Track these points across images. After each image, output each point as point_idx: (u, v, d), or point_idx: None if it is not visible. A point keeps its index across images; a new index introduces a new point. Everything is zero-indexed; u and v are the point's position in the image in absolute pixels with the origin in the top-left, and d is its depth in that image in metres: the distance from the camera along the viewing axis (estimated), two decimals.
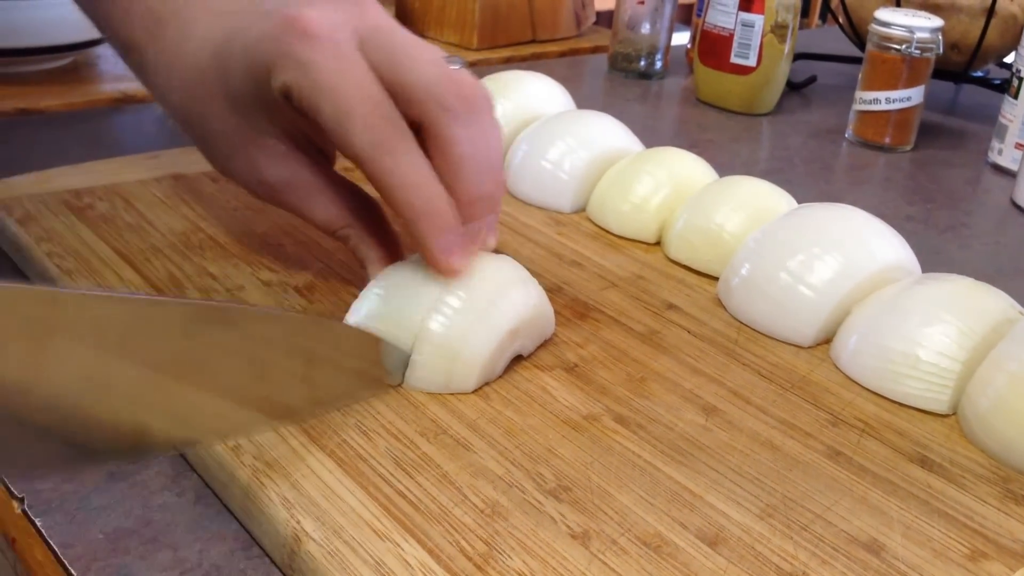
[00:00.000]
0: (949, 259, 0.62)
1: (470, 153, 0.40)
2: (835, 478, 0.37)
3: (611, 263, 0.53)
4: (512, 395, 0.40)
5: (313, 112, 0.39)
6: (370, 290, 0.41)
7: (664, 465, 0.37)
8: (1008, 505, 0.36)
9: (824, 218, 0.48)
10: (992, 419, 0.39)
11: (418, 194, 0.39)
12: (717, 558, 0.32)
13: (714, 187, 0.54)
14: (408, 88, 0.39)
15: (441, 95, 0.39)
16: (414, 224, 0.39)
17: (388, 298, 0.40)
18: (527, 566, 0.31)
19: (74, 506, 0.34)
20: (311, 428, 0.36)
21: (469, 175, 0.40)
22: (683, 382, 0.42)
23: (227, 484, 0.35)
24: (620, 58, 0.96)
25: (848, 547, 0.33)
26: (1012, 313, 0.43)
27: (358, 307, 0.41)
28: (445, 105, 0.39)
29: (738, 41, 0.84)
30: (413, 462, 0.35)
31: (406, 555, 0.31)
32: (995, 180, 0.77)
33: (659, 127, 0.85)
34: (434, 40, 1.03)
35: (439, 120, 0.39)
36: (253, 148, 0.43)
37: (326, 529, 0.32)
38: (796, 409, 0.41)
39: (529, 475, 0.35)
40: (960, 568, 0.33)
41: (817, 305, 0.45)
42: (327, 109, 0.38)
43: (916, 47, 0.76)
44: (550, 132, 0.60)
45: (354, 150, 0.39)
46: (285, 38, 0.38)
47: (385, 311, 0.40)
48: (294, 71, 0.38)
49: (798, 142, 0.83)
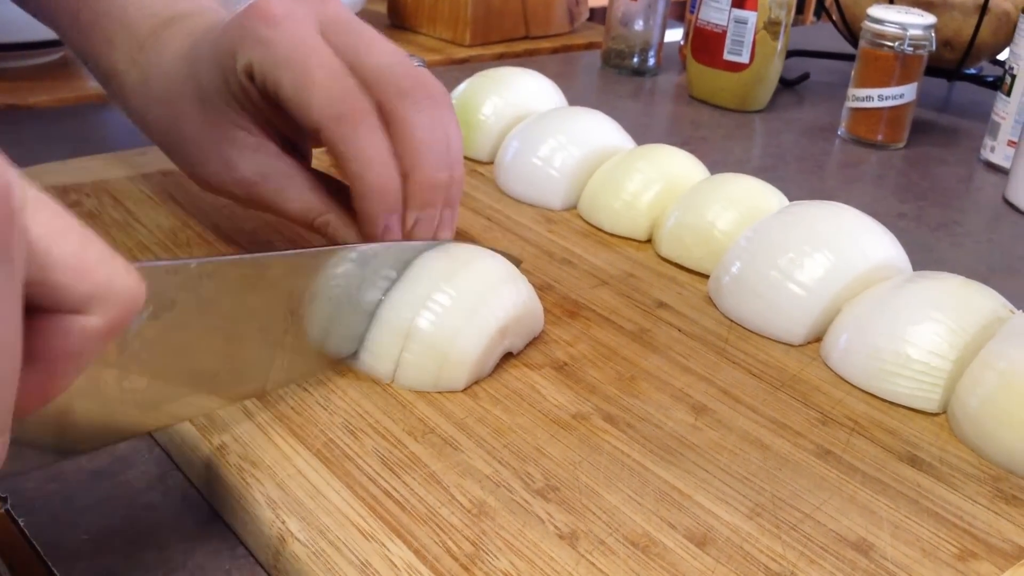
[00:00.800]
0: (941, 257, 0.62)
1: (428, 140, 0.41)
2: (824, 477, 0.37)
3: (602, 261, 0.53)
4: (501, 393, 0.40)
5: (274, 87, 0.40)
6: None
7: (653, 464, 0.36)
8: (998, 504, 0.36)
9: (815, 216, 0.48)
10: (982, 418, 0.39)
11: (371, 169, 0.40)
12: (705, 558, 0.32)
13: (706, 185, 0.54)
14: (369, 71, 0.40)
15: (401, 80, 0.40)
16: (362, 198, 0.40)
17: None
18: (514, 567, 0.31)
19: (58, 506, 0.34)
20: (297, 428, 0.36)
21: (426, 160, 0.41)
22: (673, 381, 0.42)
23: (212, 484, 0.34)
24: (613, 55, 0.96)
25: (837, 547, 0.33)
26: (1003, 312, 0.43)
27: None
28: (405, 91, 0.40)
29: (731, 38, 0.84)
30: (400, 461, 0.35)
31: (392, 555, 0.31)
32: (987, 178, 0.77)
33: (651, 124, 0.85)
34: (427, 36, 1.03)
35: (399, 104, 0.40)
36: (226, 144, 0.43)
37: (311, 529, 0.32)
38: (786, 408, 0.41)
39: (517, 475, 0.35)
40: (949, 568, 0.33)
41: (808, 303, 0.45)
42: (286, 81, 0.39)
43: (909, 44, 0.76)
44: (541, 129, 0.59)
45: (312, 118, 0.39)
46: (248, 23, 0.40)
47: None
48: (255, 49, 0.40)
49: (790, 139, 0.83)
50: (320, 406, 0.38)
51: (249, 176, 0.43)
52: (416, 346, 0.39)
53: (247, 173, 0.43)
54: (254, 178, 0.43)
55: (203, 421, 0.36)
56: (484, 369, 0.40)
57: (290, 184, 0.43)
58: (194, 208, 0.52)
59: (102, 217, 0.51)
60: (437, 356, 0.39)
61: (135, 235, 0.49)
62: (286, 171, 0.43)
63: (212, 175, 0.44)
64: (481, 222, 0.56)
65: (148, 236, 0.49)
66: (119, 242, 0.48)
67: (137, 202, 0.53)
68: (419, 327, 0.39)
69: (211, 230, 0.50)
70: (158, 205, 0.52)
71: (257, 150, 0.43)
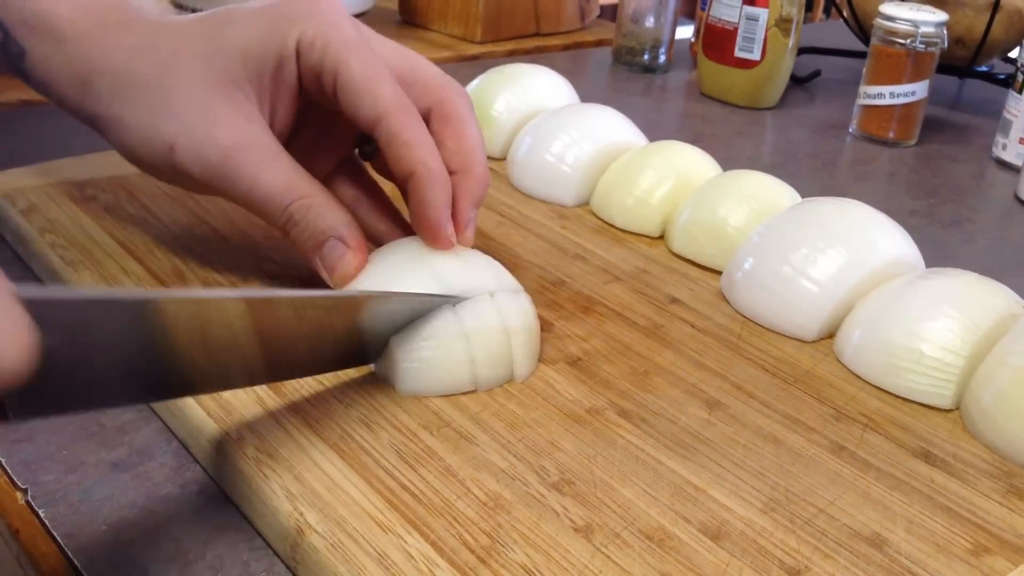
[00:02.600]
0: (953, 254, 0.62)
1: (479, 139, 0.43)
2: (838, 473, 0.37)
3: (614, 257, 0.53)
4: (515, 388, 0.40)
5: (336, 64, 0.40)
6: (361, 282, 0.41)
7: (667, 459, 0.37)
8: (1011, 500, 0.36)
9: (828, 212, 0.48)
10: (995, 414, 0.39)
11: (434, 157, 0.40)
12: (720, 552, 0.32)
13: (718, 181, 0.54)
14: (423, 75, 0.43)
15: (454, 84, 0.43)
16: (425, 185, 0.40)
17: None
18: (530, 559, 0.31)
19: (77, 497, 0.34)
20: (314, 421, 0.37)
21: (481, 158, 0.43)
22: (686, 376, 0.42)
23: (230, 476, 0.35)
24: (624, 51, 0.96)
25: (851, 541, 0.33)
26: (1016, 308, 0.43)
27: None
28: (460, 92, 0.43)
29: (742, 35, 0.84)
30: (416, 455, 0.35)
31: (409, 548, 0.31)
32: (999, 175, 0.77)
33: (663, 121, 0.85)
34: (438, 33, 1.03)
35: (459, 103, 0.43)
36: (219, 103, 0.40)
37: (329, 521, 0.32)
38: (799, 404, 0.41)
39: (532, 468, 0.35)
40: (962, 563, 0.33)
41: (821, 299, 0.45)
42: (356, 64, 0.40)
43: (921, 41, 0.76)
44: (554, 125, 0.60)
45: (380, 106, 0.40)
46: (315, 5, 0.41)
47: None
48: (322, 27, 0.40)
49: (802, 136, 0.83)
50: (336, 399, 0.38)
51: (233, 139, 0.40)
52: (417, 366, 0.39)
53: (233, 136, 0.40)
54: (238, 143, 0.40)
55: (221, 414, 0.36)
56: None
57: (274, 160, 0.40)
58: (210, 204, 0.53)
59: (118, 212, 0.51)
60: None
61: (151, 230, 0.49)
62: (272, 147, 0.41)
63: (183, 135, 0.40)
64: (494, 218, 0.56)
65: (164, 231, 0.49)
66: (136, 237, 0.48)
67: (153, 198, 0.53)
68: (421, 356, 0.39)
69: (226, 225, 0.51)
70: (174, 200, 0.53)
71: (250, 117, 0.40)
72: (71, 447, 0.37)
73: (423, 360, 0.38)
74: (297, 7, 0.41)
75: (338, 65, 0.40)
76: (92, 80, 0.42)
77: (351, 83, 0.40)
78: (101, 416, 0.38)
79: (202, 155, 0.40)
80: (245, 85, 0.41)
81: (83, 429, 0.38)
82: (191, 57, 0.41)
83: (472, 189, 0.42)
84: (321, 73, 0.40)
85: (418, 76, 0.42)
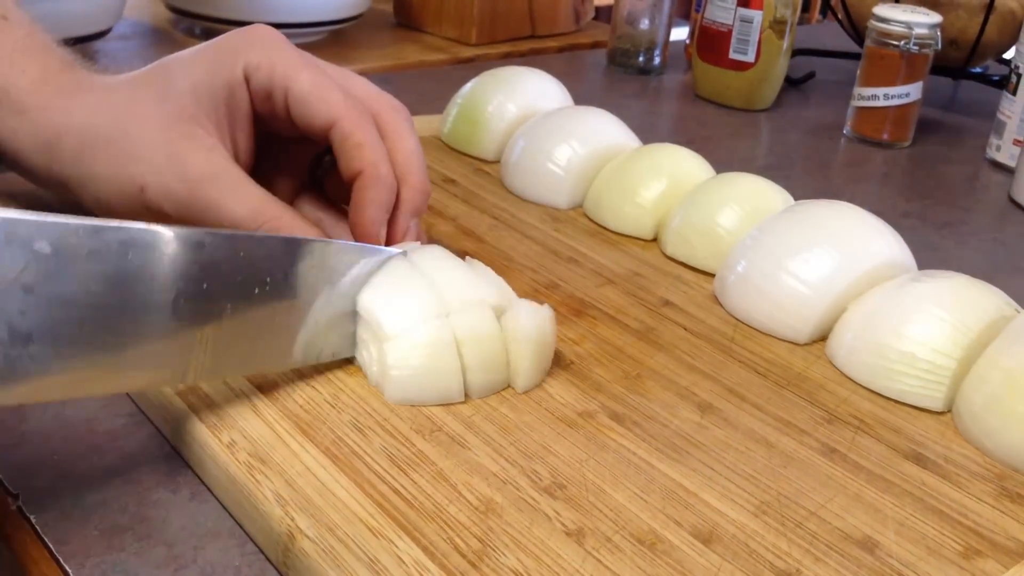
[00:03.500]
0: (946, 256, 0.62)
1: (418, 151, 0.45)
2: (830, 475, 0.37)
3: (608, 260, 0.53)
4: (507, 392, 0.40)
5: (285, 80, 0.42)
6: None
7: (659, 462, 0.37)
8: (1003, 502, 0.37)
9: (821, 215, 0.48)
10: (987, 416, 0.39)
11: (383, 160, 0.43)
12: (711, 555, 0.32)
13: (711, 184, 0.54)
14: (361, 93, 0.45)
15: (390, 100, 0.46)
16: (371, 184, 0.42)
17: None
18: (521, 563, 0.31)
19: (69, 503, 0.34)
20: (306, 426, 0.37)
21: (419, 169, 0.45)
22: (679, 379, 0.42)
23: (222, 480, 0.35)
24: (619, 54, 0.96)
25: (842, 544, 0.33)
26: (1008, 310, 0.43)
27: None
28: (396, 106, 0.46)
29: (737, 37, 0.84)
30: (408, 459, 0.35)
31: (400, 552, 0.31)
32: (993, 176, 0.77)
33: (657, 123, 0.85)
34: (433, 35, 1.03)
35: (395, 117, 0.45)
36: (180, 141, 0.42)
37: (320, 526, 0.32)
38: (791, 406, 0.41)
39: (524, 472, 0.35)
40: (954, 565, 0.33)
41: (813, 302, 0.45)
42: (304, 76, 0.42)
43: (915, 43, 0.76)
44: (548, 128, 0.60)
45: (337, 106, 0.42)
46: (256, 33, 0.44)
47: None
48: (264, 51, 0.43)
49: (796, 138, 0.83)
50: (328, 404, 0.38)
51: (198, 172, 0.41)
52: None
53: (198, 169, 0.41)
54: (203, 175, 0.41)
55: (213, 419, 0.36)
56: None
57: (240, 187, 0.42)
58: None
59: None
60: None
61: None
62: (237, 175, 0.42)
63: (150, 174, 0.41)
64: (487, 221, 0.56)
65: None
66: None
67: None
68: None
69: None
70: None
71: (212, 150, 0.42)
72: (62, 453, 0.37)
73: (414, 368, 0.38)
74: (238, 41, 0.43)
75: (287, 81, 0.42)
76: (58, 142, 0.43)
77: (302, 94, 0.42)
78: (92, 422, 0.38)
79: (171, 191, 0.41)
80: (203, 120, 0.43)
81: (74, 435, 0.38)
82: (147, 104, 0.43)
83: (410, 198, 0.44)
84: (272, 92, 0.43)
85: (357, 94, 0.44)
